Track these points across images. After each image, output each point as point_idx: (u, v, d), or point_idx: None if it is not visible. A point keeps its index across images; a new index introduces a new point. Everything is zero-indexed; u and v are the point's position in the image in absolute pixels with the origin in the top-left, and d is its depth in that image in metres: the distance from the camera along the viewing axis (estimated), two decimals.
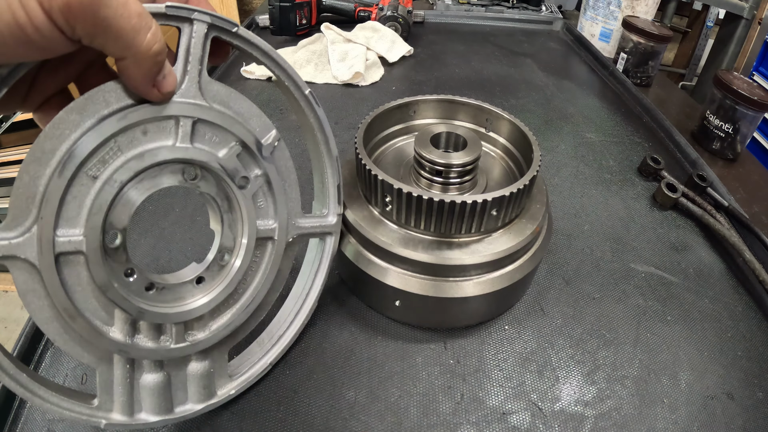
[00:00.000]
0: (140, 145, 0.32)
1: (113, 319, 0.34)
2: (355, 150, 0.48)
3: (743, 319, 0.57)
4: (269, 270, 0.42)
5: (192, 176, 0.36)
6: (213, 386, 0.42)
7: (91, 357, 0.34)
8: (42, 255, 0.29)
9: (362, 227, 0.49)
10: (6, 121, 1.13)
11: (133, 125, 0.31)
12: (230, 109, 0.37)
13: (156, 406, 0.39)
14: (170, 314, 0.36)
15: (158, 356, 0.37)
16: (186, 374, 0.40)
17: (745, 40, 1.54)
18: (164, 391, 0.39)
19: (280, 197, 0.41)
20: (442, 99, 0.59)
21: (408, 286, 0.48)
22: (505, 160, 0.58)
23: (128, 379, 0.36)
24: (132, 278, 0.34)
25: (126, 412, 0.37)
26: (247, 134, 0.38)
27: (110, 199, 0.31)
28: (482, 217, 0.45)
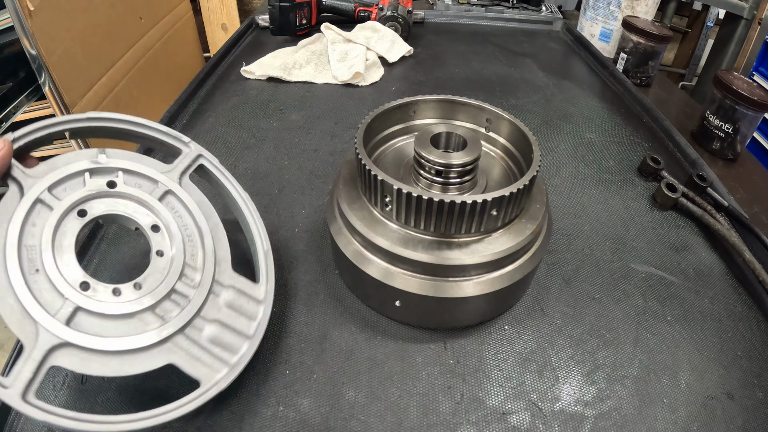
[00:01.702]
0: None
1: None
2: (355, 150, 0.48)
3: (743, 319, 0.57)
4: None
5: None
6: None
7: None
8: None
9: (362, 227, 0.49)
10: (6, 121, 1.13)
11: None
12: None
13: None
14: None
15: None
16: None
17: (745, 40, 1.54)
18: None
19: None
20: (442, 99, 0.59)
21: (408, 286, 0.48)
22: (505, 160, 0.58)
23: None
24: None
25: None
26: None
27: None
28: (482, 217, 0.45)
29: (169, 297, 0.43)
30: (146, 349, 0.40)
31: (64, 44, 1.13)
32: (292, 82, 1.01)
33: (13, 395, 0.34)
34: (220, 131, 0.84)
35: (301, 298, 0.56)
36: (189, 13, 1.81)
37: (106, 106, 1.29)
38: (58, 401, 0.46)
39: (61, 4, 1.12)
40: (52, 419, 0.34)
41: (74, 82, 1.17)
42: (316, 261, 0.60)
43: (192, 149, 0.51)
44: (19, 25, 1.02)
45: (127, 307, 0.40)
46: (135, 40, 1.44)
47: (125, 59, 1.38)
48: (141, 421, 0.37)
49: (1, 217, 0.38)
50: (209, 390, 0.41)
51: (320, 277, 0.58)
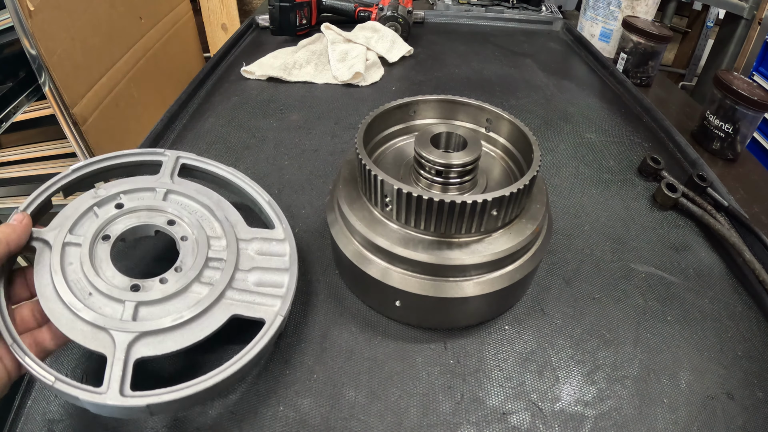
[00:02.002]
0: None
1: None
2: (355, 150, 0.48)
3: (743, 319, 0.57)
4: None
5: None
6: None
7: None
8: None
9: (362, 227, 0.49)
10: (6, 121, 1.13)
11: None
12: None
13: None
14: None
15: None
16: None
17: (745, 41, 1.54)
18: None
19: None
20: (442, 99, 0.59)
21: (408, 286, 0.48)
22: (505, 160, 0.58)
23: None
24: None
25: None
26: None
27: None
28: (482, 217, 0.45)
29: (207, 266, 0.48)
30: (207, 311, 0.45)
31: (64, 44, 1.13)
32: (292, 82, 1.01)
33: (113, 396, 0.37)
34: (220, 131, 0.84)
35: (301, 298, 0.56)
36: (189, 13, 1.81)
37: (106, 106, 1.29)
38: (58, 401, 0.46)
39: (61, 4, 1.12)
40: (156, 399, 0.38)
41: (74, 82, 1.17)
42: (316, 261, 0.60)
43: (169, 155, 0.58)
44: (19, 25, 1.02)
45: (177, 286, 0.45)
46: (135, 40, 1.44)
47: (125, 59, 1.38)
48: (230, 367, 0.41)
49: (43, 269, 0.43)
50: (273, 322, 0.46)
51: (320, 277, 0.58)
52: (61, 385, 0.37)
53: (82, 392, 0.37)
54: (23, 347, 0.39)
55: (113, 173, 0.56)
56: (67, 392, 0.37)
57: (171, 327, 0.43)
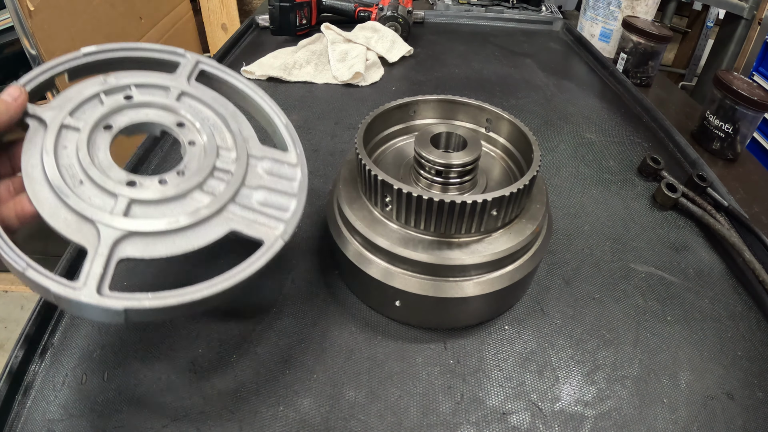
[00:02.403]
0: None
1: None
2: (355, 150, 0.48)
3: (743, 319, 0.57)
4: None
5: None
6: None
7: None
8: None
9: (362, 227, 0.49)
10: None
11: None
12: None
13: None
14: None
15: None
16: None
17: (745, 41, 1.54)
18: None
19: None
20: (442, 99, 0.59)
21: (408, 286, 0.48)
22: (505, 160, 0.58)
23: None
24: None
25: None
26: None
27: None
28: (482, 217, 0.45)
29: (212, 175, 0.44)
30: (206, 221, 0.41)
31: (64, 44, 1.13)
32: (292, 82, 1.01)
33: (88, 293, 0.34)
34: None
35: (300, 298, 0.56)
36: (189, 13, 1.81)
37: None
38: (58, 401, 0.46)
39: (61, 4, 1.12)
40: (135, 303, 0.35)
41: None
42: (316, 261, 0.60)
43: (189, 58, 0.53)
44: (19, 25, 1.02)
45: (177, 190, 0.42)
46: (135, 40, 1.44)
47: None
48: (221, 283, 0.38)
49: (33, 148, 0.39)
50: (273, 245, 0.43)
51: (320, 277, 0.58)
52: (33, 273, 0.34)
53: (54, 284, 0.34)
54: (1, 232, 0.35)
55: (126, 65, 0.51)
56: (38, 282, 0.34)
57: (165, 231, 0.39)
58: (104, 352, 0.50)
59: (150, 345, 0.50)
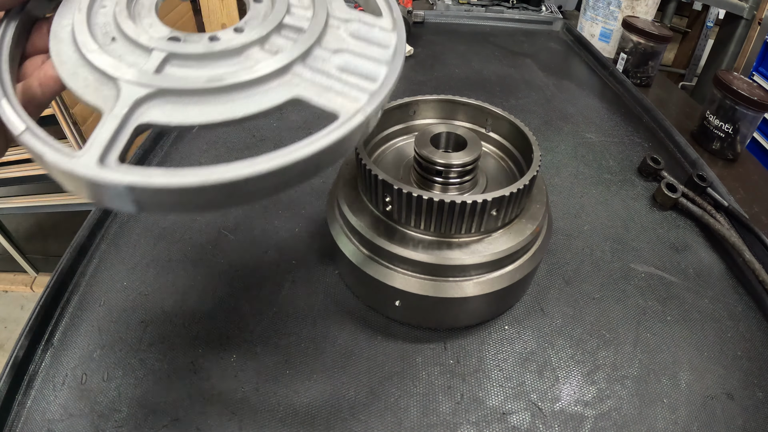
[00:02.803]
0: None
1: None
2: (356, 150, 0.48)
3: (743, 319, 0.57)
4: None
5: None
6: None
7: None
8: None
9: (362, 228, 0.49)
10: None
11: None
12: None
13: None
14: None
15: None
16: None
17: (745, 41, 1.54)
18: None
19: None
20: (442, 99, 0.59)
21: (408, 286, 0.48)
22: (505, 160, 0.58)
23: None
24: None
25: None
26: None
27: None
28: (482, 217, 0.45)
29: (278, 32, 0.36)
30: (261, 82, 0.32)
31: None
32: None
33: (87, 163, 0.26)
34: (221, 131, 0.84)
35: (300, 298, 0.56)
36: (189, 13, 1.81)
37: None
38: (58, 401, 0.46)
39: None
40: (143, 180, 0.26)
41: None
42: (316, 261, 0.60)
43: None
44: None
45: (227, 45, 0.33)
46: None
47: None
48: (263, 163, 0.28)
49: (67, 9, 0.34)
50: (351, 118, 0.32)
51: (320, 277, 0.58)
52: (29, 137, 0.28)
53: (50, 150, 0.27)
54: (5, 85, 0.31)
55: None
56: (34, 147, 0.28)
57: (202, 90, 0.31)
58: (104, 352, 0.50)
59: (150, 345, 0.50)
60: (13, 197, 1.53)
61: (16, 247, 1.65)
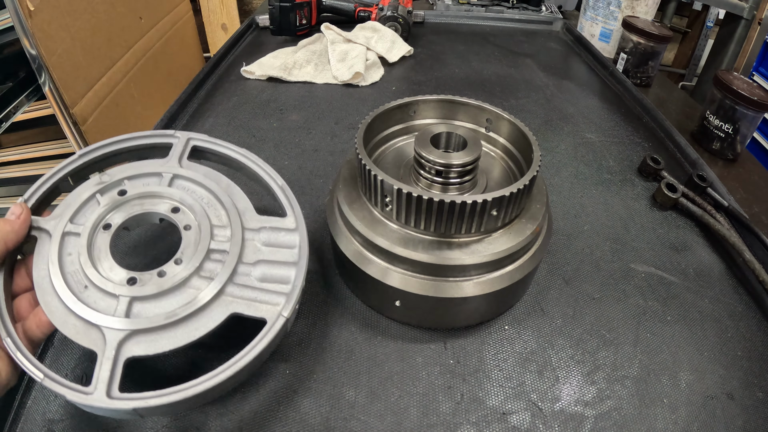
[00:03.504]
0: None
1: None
2: (355, 150, 0.48)
3: (743, 319, 0.57)
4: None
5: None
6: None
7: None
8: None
9: (362, 227, 0.49)
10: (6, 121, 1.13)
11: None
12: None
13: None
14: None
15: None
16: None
17: (745, 41, 1.54)
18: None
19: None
20: (442, 99, 0.59)
21: (408, 286, 0.48)
22: (505, 160, 0.58)
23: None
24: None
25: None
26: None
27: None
28: (482, 217, 0.45)
29: (208, 258, 0.45)
30: (205, 308, 0.42)
31: (64, 44, 1.13)
32: (292, 82, 1.01)
33: (99, 397, 0.36)
34: (220, 131, 0.84)
35: (301, 299, 0.56)
36: (189, 13, 1.81)
37: (106, 106, 1.29)
38: (58, 401, 0.46)
39: (61, 4, 1.12)
40: (142, 403, 0.36)
41: (74, 82, 1.17)
42: (316, 261, 0.60)
43: (180, 137, 0.54)
44: (19, 25, 1.02)
45: (174, 280, 0.42)
46: (135, 40, 1.44)
47: (125, 59, 1.38)
48: (223, 372, 0.38)
49: (41, 260, 0.42)
50: (275, 323, 0.42)
51: (320, 278, 0.58)
52: (50, 382, 0.36)
53: (69, 391, 0.36)
54: (17, 342, 0.38)
55: (123, 157, 0.53)
56: (55, 390, 0.36)
57: (164, 325, 0.40)
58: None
59: None
60: (14, 197, 1.53)
61: None
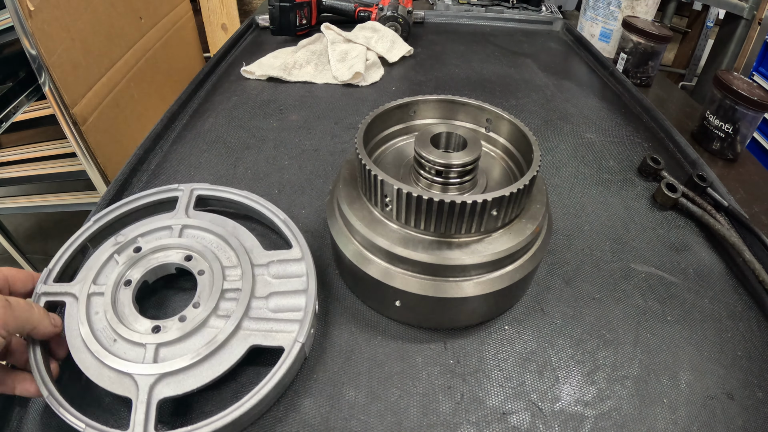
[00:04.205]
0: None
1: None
2: (355, 150, 0.48)
3: (743, 319, 0.57)
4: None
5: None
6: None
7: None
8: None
9: (362, 227, 0.49)
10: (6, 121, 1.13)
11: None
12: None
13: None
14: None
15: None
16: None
17: (745, 41, 1.53)
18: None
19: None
20: (442, 99, 0.59)
21: (408, 286, 0.48)
22: (505, 160, 0.58)
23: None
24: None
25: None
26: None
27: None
28: (482, 217, 0.45)
29: (223, 297, 0.49)
30: (224, 345, 0.45)
31: (64, 44, 1.13)
32: (292, 82, 1.01)
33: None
34: (220, 131, 0.84)
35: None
36: (189, 13, 1.81)
37: (106, 106, 1.29)
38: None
39: (61, 4, 1.12)
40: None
41: (74, 82, 1.17)
42: (316, 261, 0.60)
43: (184, 189, 0.60)
44: (19, 25, 1.02)
45: (194, 323, 0.46)
46: (135, 40, 1.44)
47: (125, 59, 1.38)
48: (248, 402, 0.42)
49: (72, 321, 0.47)
50: (292, 349, 0.45)
51: (320, 278, 0.58)
52: (91, 431, 0.40)
53: None
54: (59, 399, 0.41)
55: (135, 216, 0.59)
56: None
57: (189, 365, 0.43)
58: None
59: None
60: (13, 197, 1.53)
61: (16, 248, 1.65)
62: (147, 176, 0.74)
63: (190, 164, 0.76)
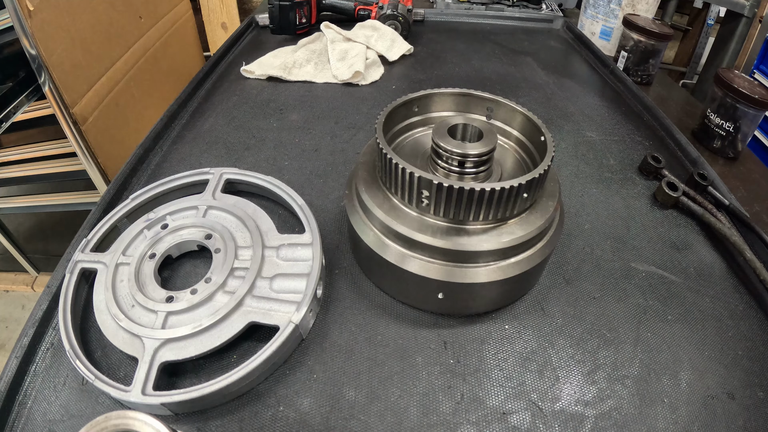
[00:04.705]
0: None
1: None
2: (376, 140, 0.49)
3: (744, 319, 0.57)
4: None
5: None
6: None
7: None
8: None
9: (381, 214, 0.50)
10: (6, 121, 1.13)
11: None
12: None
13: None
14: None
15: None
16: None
17: (746, 39, 1.53)
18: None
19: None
20: (457, 92, 0.60)
21: (424, 271, 0.49)
22: (519, 152, 0.59)
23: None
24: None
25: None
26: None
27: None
28: (498, 204, 0.46)
29: (232, 275, 0.52)
30: (225, 318, 0.48)
31: (64, 44, 1.13)
32: (292, 81, 1.00)
33: (135, 395, 0.43)
34: (220, 131, 0.84)
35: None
36: (189, 12, 1.81)
37: (106, 105, 1.29)
38: (59, 401, 0.46)
39: (61, 4, 1.12)
40: (167, 399, 0.43)
41: (74, 82, 1.17)
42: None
43: (215, 173, 0.64)
44: (19, 25, 1.02)
45: (202, 296, 0.50)
46: (135, 39, 1.44)
47: (125, 59, 1.38)
48: (236, 373, 0.44)
49: (100, 287, 0.52)
50: (285, 329, 0.48)
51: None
52: (99, 383, 0.44)
53: (113, 389, 0.44)
54: (77, 352, 0.46)
55: (170, 196, 0.63)
56: (102, 389, 0.44)
57: (191, 334, 0.47)
58: (105, 353, 0.50)
59: None
60: (14, 197, 1.53)
61: (17, 247, 1.65)
62: (147, 176, 0.74)
63: (190, 164, 0.76)
